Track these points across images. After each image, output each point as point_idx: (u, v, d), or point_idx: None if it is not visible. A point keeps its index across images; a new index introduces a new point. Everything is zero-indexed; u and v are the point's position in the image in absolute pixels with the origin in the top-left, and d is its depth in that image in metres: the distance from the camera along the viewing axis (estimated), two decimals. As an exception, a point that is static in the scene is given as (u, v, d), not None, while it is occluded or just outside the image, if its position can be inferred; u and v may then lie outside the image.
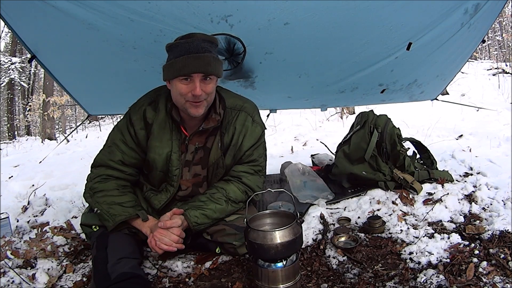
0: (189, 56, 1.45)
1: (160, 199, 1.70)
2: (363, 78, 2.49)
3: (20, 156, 6.14)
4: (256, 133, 1.72)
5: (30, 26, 1.91)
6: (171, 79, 1.53)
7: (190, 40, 1.48)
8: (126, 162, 1.67)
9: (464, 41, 2.40)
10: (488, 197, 2.06)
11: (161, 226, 1.49)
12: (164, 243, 1.47)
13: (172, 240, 1.48)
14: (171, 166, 1.65)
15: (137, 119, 1.65)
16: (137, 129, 1.65)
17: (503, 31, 16.68)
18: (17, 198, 2.80)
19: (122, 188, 1.64)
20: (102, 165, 1.66)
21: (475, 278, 1.36)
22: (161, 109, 1.64)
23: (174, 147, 1.65)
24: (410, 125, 4.91)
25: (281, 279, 1.33)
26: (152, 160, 1.65)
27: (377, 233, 1.80)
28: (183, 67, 1.46)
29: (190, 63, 1.45)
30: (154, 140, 1.64)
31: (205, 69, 1.48)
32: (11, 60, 15.36)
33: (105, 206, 1.56)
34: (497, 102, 6.72)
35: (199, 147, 1.70)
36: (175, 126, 1.65)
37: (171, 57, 1.51)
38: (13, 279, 1.55)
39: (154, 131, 1.64)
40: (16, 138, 14.61)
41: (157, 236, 1.48)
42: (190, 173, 1.73)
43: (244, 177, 1.71)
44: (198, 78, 1.48)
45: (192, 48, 1.46)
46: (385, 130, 2.32)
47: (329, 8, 1.82)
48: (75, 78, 2.45)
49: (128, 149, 1.66)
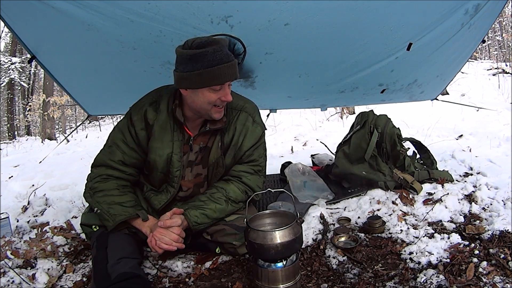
0: (222, 66, 1.46)
1: (160, 199, 1.70)
2: (363, 78, 2.49)
3: (20, 156, 6.14)
4: (257, 133, 1.72)
5: (29, 27, 1.91)
6: (201, 88, 1.51)
7: (218, 48, 1.46)
8: (126, 162, 1.67)
9: (464, 42, 2.40)
10: (488, 197, 2.06)
11: (161, 226, 1.49)
12: (164, 242, 1.46)
13: (172, 239, 1.47)
14: (172, 168, 1.65)
15: (138, 119, 1.65)
16: (138, 130, 1.65)
17: (503, 31, 16.67)
18: (17, 198, 2.80)
19: (122, 188, 1.64)
20: (103, 165, 1.66)
21: (475, 278, 1.36)
22: (163, 110, 1.64)
23: (175, 149, 1.65)
24: (410, 125, 4.91)
25: (281, 279, 1.33)
26: (153, 161, 1.65)
27: (377, 233, 1.80)
28: (219, 76, 1.46)
29: (225, 73, 1.47)
30: (155, 142, 1.64)
31: (236, 76, 1.53)
32: (11, 60, 15.35)
33: (105, 206, 1.56)
34: (497, 102, 6.72)
35: (203, 147, 1.70)
36: (177, 127, 1.65)
37: (198, 66, 1.45)
38: (13, 279, 1.55)
39: (155, 132, 1.64)
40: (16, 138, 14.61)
41: (157, 235, 1.48)
42: (192, 173, 1.73)
43: (244, 177, 1.71)
44: (227, 85, 1.52)
45: (224, 56, 1.47)
46: (385, 130, 2.32)
47: (330, 9, 1.82)
48: (75, 79, 2.45)
49: (128, 149, 1.66)
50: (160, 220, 1.53)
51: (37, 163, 4.62)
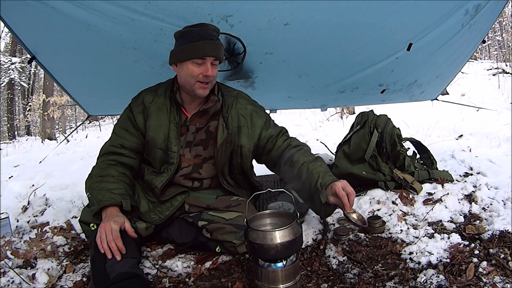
0: (205, 41, 1.60)
1: (161, 179, 1.75)
2: (364, 78, 2.50)
3: (20, 156, 6.15)
4: (263, 112, 1.88)
5: (29, 27, 1.91)
6: (184, 61, 1.64)
7: (204, 28, 1.63)
8: (125, 145, 1.77)
9: (465, 42, 2.40)
10: (488, 197, 2.06)
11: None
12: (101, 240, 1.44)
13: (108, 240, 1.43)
14: (170, 144, 1.73)
15: (135, 105, 1.78)
16: (135, 113, 1.76)
17: (503, 31, 16.68)
18: (17, 198, 2.79)
19: (118, 176, 1.69)
20: (105, 153, 1.77)
21: (475, 278, 1.36)
22: (160, 94, 1.77)
23: (172, 126, 1.74)
24: (410, 125, 4.92)
25: (281, 279, 1.33)
26: (151, 138, 1.74)
27: (377, 233, 1.80)
28: (200, 50, 1.60)
29: (206, 47, 1.60)
30: (152, 120, 1.74)
31: (218, 54, 1.65)
32: (11, 60, 15.37)
33: (96, 192, 1.62)
34: (497, 102, 6.73)
35: (200, 128, 1.77)
36: (174, 109, 1.75)
37: (183, 41, 1.62)
38: (13, 279, 1.55)
39: (152, 113, 1.74)
40: (16, 138, 14.62)
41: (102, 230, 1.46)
42: (191, 153, 1.79)
43: (291, 141, 1.86)
44: (209, 61, 1.63)
45: (207, 34, 1.62)
46: (385, 130, 2.32)
47: (330, 9, 1.83)
48: (75, 79, 2.45)
49: (128, 134, 1.77)
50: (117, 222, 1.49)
51: (37, 163, 4.63)
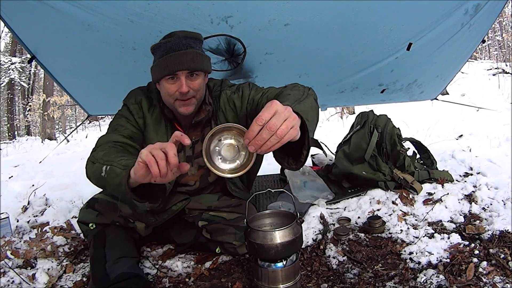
0: (170, 54, 1.42)
1: None
2: (363, 78, 2.50)
3: (20, 156, 6.15)
4: (245, 84, 1.67)
5: (29, 27, 1.91)
6: (159, 80, 1.51)
7: (170, 39, 1.46)
8: (124, 134, 1.59)
9: (464, 42, 2.40)
10: (488, 197, 2.06)
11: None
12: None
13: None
14: None
15: (134, 108, 1.66)
16: (136, 118, 1.65)
17: (503, 31, 16.68)
18: (17, 198, 2.79)
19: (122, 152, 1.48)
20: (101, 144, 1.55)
21: (475, 278, 1.36)
22: (157, 106, 1.67)
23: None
24: (410, 125, 4.91)
25: (281, 279, 1.33)
26: None
27: (377, 233, 1.80)
28: (167, 66, 1.43)
29: (172, 61, 1.42)
30: (150, 133, 1.66)
31: (188, 65, 1.44)
32: (11, 60, 15.37)
33: (117, 160, 1.29)
34: (497, 102, 6.73)
35: (197, 140, 1.71)
36: (168, 124, 1.68)
37: (155, 58, 1.51)
38: (13, 279, 1.55)
39: (149, 124, 1.66)
40: (16, 138, 14.63)
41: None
42: (194, 167, 1.74)
43: (287, 85, 1.47)
44: (183, 75, 1.46)
45: (174, 46, 1.44)
46: (385, 130, 2.32)
47: (330, 9, 1.83)
48: (75, 79, 2.45)
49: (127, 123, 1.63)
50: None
51: (37, 163, 4.63)
